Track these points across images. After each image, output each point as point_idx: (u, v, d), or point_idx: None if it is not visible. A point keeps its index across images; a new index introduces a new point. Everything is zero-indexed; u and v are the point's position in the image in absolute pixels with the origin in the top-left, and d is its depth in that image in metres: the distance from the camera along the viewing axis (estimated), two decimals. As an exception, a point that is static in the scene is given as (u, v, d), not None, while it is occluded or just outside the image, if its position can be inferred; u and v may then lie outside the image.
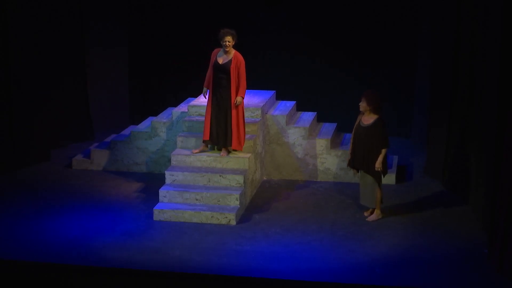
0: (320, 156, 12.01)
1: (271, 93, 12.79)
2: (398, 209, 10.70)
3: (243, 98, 10.94)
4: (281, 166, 12.12)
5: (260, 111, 11.78)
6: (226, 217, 10.23)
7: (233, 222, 10.22)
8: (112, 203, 10.96)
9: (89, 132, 14.14)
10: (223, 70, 10.84)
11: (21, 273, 8.78)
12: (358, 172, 10.35)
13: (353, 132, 10.28)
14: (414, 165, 12.70)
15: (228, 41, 10.78)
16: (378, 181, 10.14)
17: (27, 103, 12.54)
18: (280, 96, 13.14)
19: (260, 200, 11.14)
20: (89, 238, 9.64)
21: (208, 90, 11.03)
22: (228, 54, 10.87)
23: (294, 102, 12.91)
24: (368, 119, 10.09)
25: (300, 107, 13.12)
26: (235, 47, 10.96)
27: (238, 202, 10.47)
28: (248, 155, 11.11)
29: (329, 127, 12.69)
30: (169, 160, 12.00)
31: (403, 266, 8.94)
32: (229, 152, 11.06)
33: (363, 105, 10.07)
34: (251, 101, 12.14)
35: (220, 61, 10.88)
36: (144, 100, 15.01)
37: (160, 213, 10.33)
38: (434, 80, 12.16)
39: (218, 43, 10.94)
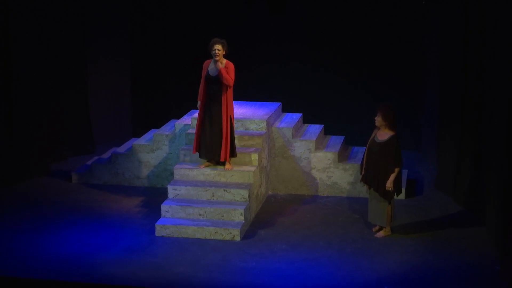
0: (327, 170, 12.04)
1: (277, 105, 12.83)
2: (408, 225, 10.70)
3: (221, 73, 10.70)
4: (287, 180, 12.15)
5: (265, 124, 11.83)
6: (231, 233, 10.25)
7: (238, 238, 10.23)
8: (113, 218, 10.99)
9: (90, 145, 14.19)
10: (215, 82, 10.81)
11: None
12: (370, 188, 10.34)
13: (367, 146, 10.29)
14: (424, 179, 12.71)
15: (218, 50, 10.72)
16: (388, 200, 10.15)
17: (27, 115, 12.61)
18: (286, 108, 13.19)
19: (266, 215, 11.16)
20: (89, 255, 9.66)
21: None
22: (219, 64, 10.80)
23: (301, 114, 12.95)
24: (383, 134, 10.08)
25: (307, 120, 13.16)
26: (229, 57, 10.88)
27: (242, 218, 10.50)
28: (253, 168, 11.15)
29: (337, 140, 12.72)
30: (172, 174, 12.05)
31: (412, 283, 8.94)
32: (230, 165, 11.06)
33: (378, 120, 10.06)
34: (256, 114, 12.19)
35: (212, 72, 10.84)
36: (146, 112, 15.05)
37: (162, 229, 10.36)
38: (443, 90, 12.16)
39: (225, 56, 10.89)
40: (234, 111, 12.22)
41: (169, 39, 14.77)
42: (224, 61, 10.83)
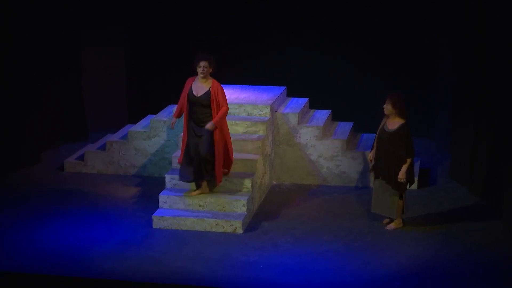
0: (335, 159, 12.09)
1: (282, 89, 12.85)
2: (420, 217, 10.74)
3: (215, 127, 10.17)
4: (292, 169, 12.19)
5: (269, 109, 11.85)
6: (232, 225, 10.30)
7: (240, 231, 10.28)
8: (107, 209, 11.03)
9: (83, 132, 14.24)
10: (199, 104, 10.18)
11: (8, 286, 8.83)
12: (379, 178, 10.34)
13: (376, 136, 10.33)
14: (438, 168, 12.73)
15: (204, 67, 10.13)
16: (400, 191, 10.19)
17: (17, 101, 12.64)
18: (291, 93, 13.22)
19: (269, 207, 11.20)
20: (82, 248, 9.69)
21: (176, 121, 10.50)
22: (205, 83, 10.24)
23: (307, 99, 12.97)
24: (393, 123, 10.12)
25: (313, 105, 13.18)
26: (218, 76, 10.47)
27: (245, 209, 10.55)
28: (256, 157, 11.19)
29: (345, 127, 12.75)
30: (170, 163, 12.09)
31: (425, 279, 8.96)
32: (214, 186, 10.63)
33: (388, 108, 10.09)
34: (260, 98, 12.21)
35: (196, 92, 10.21)
36: (142, 97, 15.09)
37: (160, 220, 10.41)
38: (458, 76, 12.17)
39: (224, 39, 10.79)
40: (236, 96, 12.24)
41: (167, 22, 14.78)
42: (211, 80, 10.26)
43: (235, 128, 11.64)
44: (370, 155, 10.42)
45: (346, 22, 14.22)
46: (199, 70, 10.18)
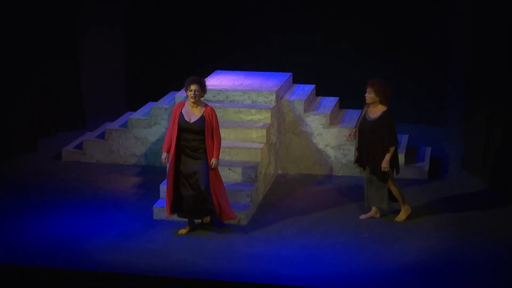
0: (342, 147, 12.09)
1: (287, 75, 12.84)
2: (431, 208, 10.73)
3: (218, 160, 9.78)
4: (298, 159, 12.20)
5: (274, 96, 11.84)
6: (236, 216, 10.27)
7: (244, 222, 10.29)
8: (106, 200, 11.05)
9: (81, 120, 14.24)
10: (192, 131, 9.64)
11: (3, 278, 8.82)
12: (364, 169, 10.35)
13: (358, 126, 10.31)
14: (450, 157, 12.72)
15: (195, 91, 9.60)
16: (386, 181, 10.16)
17: (12, 87, 12.63)
18: (297, 79, 13.20)
19: (274, 198, 11.21)
20: (80, 240, 9.71)
21: (168, 156, 9.74)
22: (196, 109, 9.70)
23: (313, 85, 12.95)
24: (375, 111, 10.09)
25: (320, 92, 13.16)
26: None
27: (249, 199, 10.55)
28: (261, 146, 11.18)
29: (353, 114, 12.74)
30: (171, 152, 12.10)
31: (436, 272, 8.95)
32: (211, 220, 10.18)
33: (371, 96, 10.05)
34: (264, 85, 12.20)
35: (188, 118, 9.66)
36: (143, 83, 15.08)
37: (161, 211, 10.39)
38: (471, 62, 12.15)
39: (227, 23, 10.72)
40: (240, 83, 12.22)
41: (169, 3, 14.76)
42: (203, 105, 9.76)
43: (239, 116, 11.63)
44: (349, 133, 10.41)
45: (354, 5, 14.18)
46: (190, 94, 9.65)
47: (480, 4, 11.62)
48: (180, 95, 12.31)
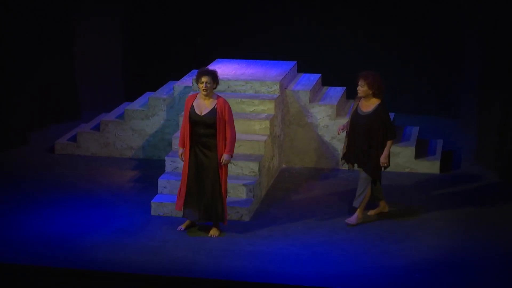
0: (349, 140, 12.02)
1: (292, 64, 12.80)
2: (442, 204, 10.71)
3: (231, 156, 9.71)
4: (303, 152, 12.14)
5: (278, 86, 11.79)
6: (238, 212, 10.25)
7: (246, 218, 10.25)
8: (102, 195, 11.02)
9: (75, 110, 14.24)
10: (203, 124, 9.65)
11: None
12: (353, 166, 10.26)
13: (349, 120, 10.20)
14: (462, 151, 12.72)
15: (207, 83, 9.58)
16: (376, 177, 10.07)
17: (4, 77, 12.59)
18: (302, 68, 13.15)
19: (278, 192, 11.18)
20: (75, 237, 9.67)
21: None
22: (208, 101, 9.68)
23: (319, 75, 12.92)
24: (368, 105, 10.00)
25: (326, 81, 13.11)
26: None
27: (252, 194, 10.50)
28: (264, 138, 11.12)
29: (361, 105, 12.69)
30: (170, 144, 12.04)
31: (446, 271, 8.92)
32: (219, 231, 9.90)
33: (363, 90, 9.95)
34: (268, 74, 12.18)
35: (199, 111, 9.67)
36: (140, 73, 15.07)
37: (159, 207, 10.36)
38: (486, 51, 12.16)
39: (230, 11, 10.68)
40: (242, 72, 12.18)
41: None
42: (215, 97, 9.74)
43: (241, 107, 11.59)
44: (341, 127, 10.32)
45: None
46: (201, 86, 9.63)
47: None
48: (179, 84, 12.27)
